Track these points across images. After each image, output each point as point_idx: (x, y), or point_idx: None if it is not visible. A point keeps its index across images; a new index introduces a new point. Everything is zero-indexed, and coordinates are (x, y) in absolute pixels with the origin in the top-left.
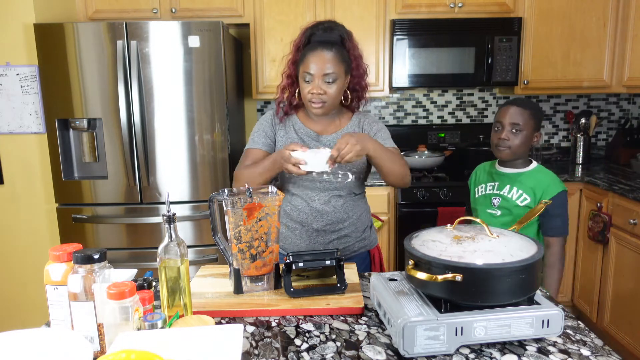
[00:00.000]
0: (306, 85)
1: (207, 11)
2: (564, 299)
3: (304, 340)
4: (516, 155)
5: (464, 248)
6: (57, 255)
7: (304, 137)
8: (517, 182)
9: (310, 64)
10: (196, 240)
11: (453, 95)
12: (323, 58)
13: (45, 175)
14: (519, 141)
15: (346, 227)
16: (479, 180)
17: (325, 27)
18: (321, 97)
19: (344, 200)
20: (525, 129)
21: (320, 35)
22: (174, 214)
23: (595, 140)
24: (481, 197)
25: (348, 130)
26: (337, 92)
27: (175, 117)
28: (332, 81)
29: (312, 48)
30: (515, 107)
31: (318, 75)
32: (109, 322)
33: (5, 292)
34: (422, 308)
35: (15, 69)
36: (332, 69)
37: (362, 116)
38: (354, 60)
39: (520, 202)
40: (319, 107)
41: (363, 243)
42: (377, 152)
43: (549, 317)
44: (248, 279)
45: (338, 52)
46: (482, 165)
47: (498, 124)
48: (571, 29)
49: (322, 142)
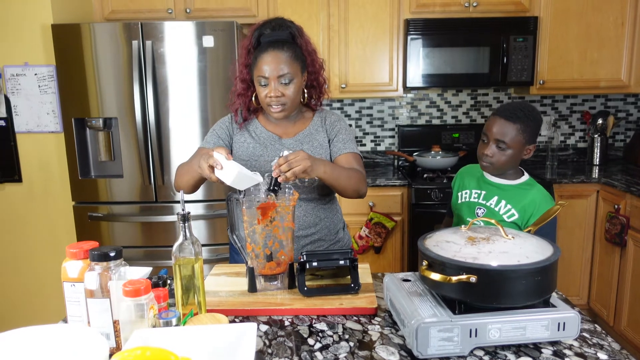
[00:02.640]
0: (262, 89)
1: (221, 11)
2: (580, 301)
3: (317, 339)
4: (501, 171)
5: (479, 249)
6: (74, 252)
7: (265, 142)
8: (506, 195)
9: (263, 66)
10: (210, 239)
11: (467, 95)
12: (276, 59)
13: (62, 173)
14: (505, 159)
15: (319, 230)
16: (464, 185)
17: (273, 25)
18: (279, 99)
19: (314, 204)
20: (513, 146)
21: (269, 35)
22: (188, 213)
23: (613, 141)
24: (464, 203)
25: (310, 131)
26: (295, 92)
27: (189, 117)
28: (288, 82)
29: (262, 50)
30: (502, 121)
31: (273, 77)
32: (124, 319)
33: (23, 288)
34: (436, 309)
35: (33, 69)
36: (287, 69)
37: (324, 114)
38: (308, 56)
39: (507, 217)
40: (279, 111)
41: (337, 245)
42: (328, 174)
43: (565, 320)
44: (262, 277)
45: (290, 50)
46: (468, 169)
47: (484, 136)
48: (588, 28)
49: (284, 145)
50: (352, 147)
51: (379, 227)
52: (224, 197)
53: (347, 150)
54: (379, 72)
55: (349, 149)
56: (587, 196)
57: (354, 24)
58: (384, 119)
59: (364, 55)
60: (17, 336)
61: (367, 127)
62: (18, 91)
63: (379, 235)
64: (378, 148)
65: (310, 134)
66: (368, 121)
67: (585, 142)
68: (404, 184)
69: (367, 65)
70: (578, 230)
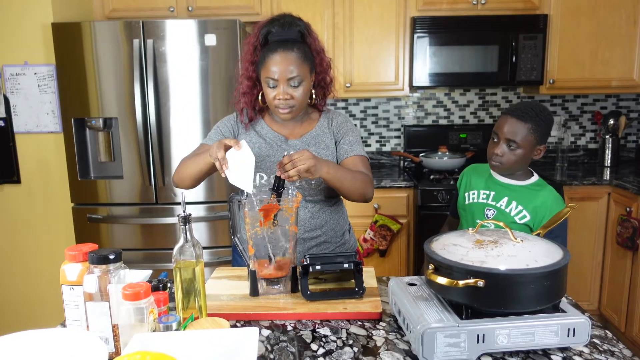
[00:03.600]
0: (271, 90)
1: (223, 9)
2: (590, 307)
3: (321, 345)
4: (510, 171)
5: (487, 253)
6: (73, 255)
7: (271, 142)
8: (517, 196)
9: (272, 67)
10: (211, 241)
11: (475, 94)
12: (286, 60)
13: (61, 174)
14: (515, 158)
15: (324, 232)
16: (471, 185)
17: (282, 23)
18: (288, 102)
19: (320, 205)
20: (523, 146)
21: (278, 34)
22: (189, 215)
23: (625, 142)
24: (472, 204)
25: (317, 133)
26: (304, 94)
27: (191, 117)
28: (298, 84)
29: (271, 50)
30: (513, 120)
31: (283, 79)
32: (123, 323)
33: (21, 291)
34: (443, 314)
35: (33, 68)
36: (297, 71)
37: (331, 115)
38: (317, 56)
39: (519, 219)
40: (287, 113)
41: (343, 248)
42: (332, 174)
43: (575, 326)
44: (264, 281)
45: (300, 51)
46: (474, 168)
47: (495, 135)
48: (599, 26)
49: (290, 146)
50: (359, 149)
51: (384, 229)
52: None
53: (354, 153)
54: (385, 71)
55: (356, 151)
56: (598, 199)
57: (359, 22)
58: (389, 119)
59: (369, 53)
60: (14, 340)
61: (372, 127)
62: (17, 91)
63: (384, 238)
64: (383, 149)
65: (317, 135)
66: (373, 121)
67: (596, 143)
68: (409, 186)
69: (373, 64)
70: (589, 234)
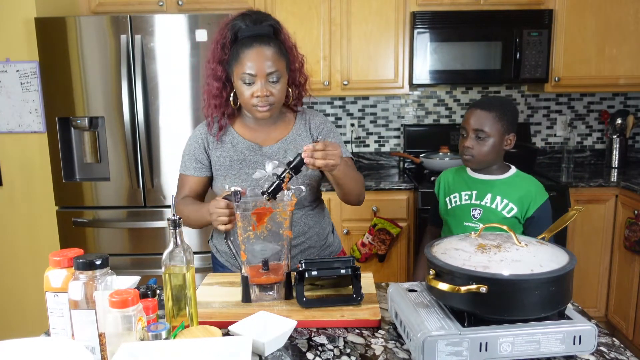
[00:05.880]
0: (247, 88)
1: (215, 3)
2: (597, 313)
3: (317, 354)
4: (483, 164)
5: (490, 257)
6: (57, 260)
7: (244, 152)
8: (499, 190)
9: (248, 62)
10: (202, 246)
11: (478, 92)
12: (263, 55)
13: (45, 176)
14: (486, 149)
15: (308, 239)
16: (451, 189)
17: (254, 19)
18: (267, 99)
19: (302, 212)
20: (492, 134)
21: (250, 29)
22: (179, 218)
23: (633, 142)
24: (456, 208)
25: (294, 137)
26: (282, 91)
27: (181, 116)
28: (277, 80)
29: (246, 45)
30: (478, 111)
31: (261, 75)
32: (110, 331)
33: (3, 299)
34: (444, 321)
35: (15, 65)
36: (275, 66)
37: (307, 116)
38: (290, 52)
39: (507, 212)
40: (266, 111)
41: (328, 250)
42: (342, 172)
43: (581, 333)
44: (257, 287)
45: (276, 46)
46: (450, 171)
47: (463, 130)
48: (606, 22)
49: (265, 155)
50: (344, 150)
51: (383, 233)
52: None
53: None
54: (384, 68)
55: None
56: (605, 201)
57: (356, 17)
58: (388, 118)
59: (367, 50)
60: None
61: (370, 127)
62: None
63: (383, 242)
64: (382, 149)
65: (294, 139)
66: (372, 120)
67: (603, 143)
68: (410, 188)
69: (371, 61)
70: (595, 238)
